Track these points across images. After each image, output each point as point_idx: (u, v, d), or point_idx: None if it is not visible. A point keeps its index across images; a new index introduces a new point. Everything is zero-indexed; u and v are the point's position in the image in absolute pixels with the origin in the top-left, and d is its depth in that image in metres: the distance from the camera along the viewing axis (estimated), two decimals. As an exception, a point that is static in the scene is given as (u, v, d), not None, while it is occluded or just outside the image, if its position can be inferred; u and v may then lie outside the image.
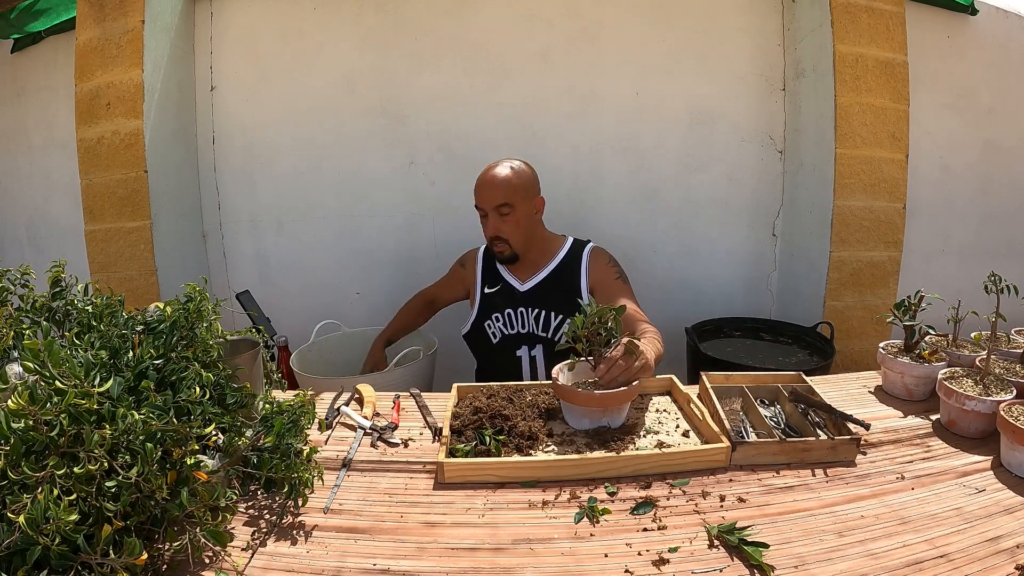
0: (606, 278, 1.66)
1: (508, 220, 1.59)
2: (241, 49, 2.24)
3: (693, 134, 2.27)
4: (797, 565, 0.71)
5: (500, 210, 1.58)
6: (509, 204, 1.57)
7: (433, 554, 0.75)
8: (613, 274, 1.67)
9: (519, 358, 1.70)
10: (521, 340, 1.70)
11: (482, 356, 1.83)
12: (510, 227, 1.60)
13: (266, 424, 0.87)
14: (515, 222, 1.60)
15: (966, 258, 2.38)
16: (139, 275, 2.04)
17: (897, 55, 1.94)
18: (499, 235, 1.61)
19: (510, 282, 1.72)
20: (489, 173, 1.60)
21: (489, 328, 1.75)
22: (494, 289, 1.74)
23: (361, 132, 2.27)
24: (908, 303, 1.23)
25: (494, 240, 1.63)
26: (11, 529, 0.56)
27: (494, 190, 1.58)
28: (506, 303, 1.71)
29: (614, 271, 1.68)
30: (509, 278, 1.73)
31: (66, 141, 2.21)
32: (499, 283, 1.74)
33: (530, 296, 1.68)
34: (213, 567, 0.71)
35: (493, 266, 1.76)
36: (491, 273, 1.76)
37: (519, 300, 1.70)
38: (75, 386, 0.64)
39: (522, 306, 1.69)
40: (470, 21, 2.19)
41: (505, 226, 1.60)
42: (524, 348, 1.70)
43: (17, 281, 1.00)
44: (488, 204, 1.58)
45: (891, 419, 1.13)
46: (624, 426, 1.08)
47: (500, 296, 1.73)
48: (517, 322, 1.70)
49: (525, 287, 1.70)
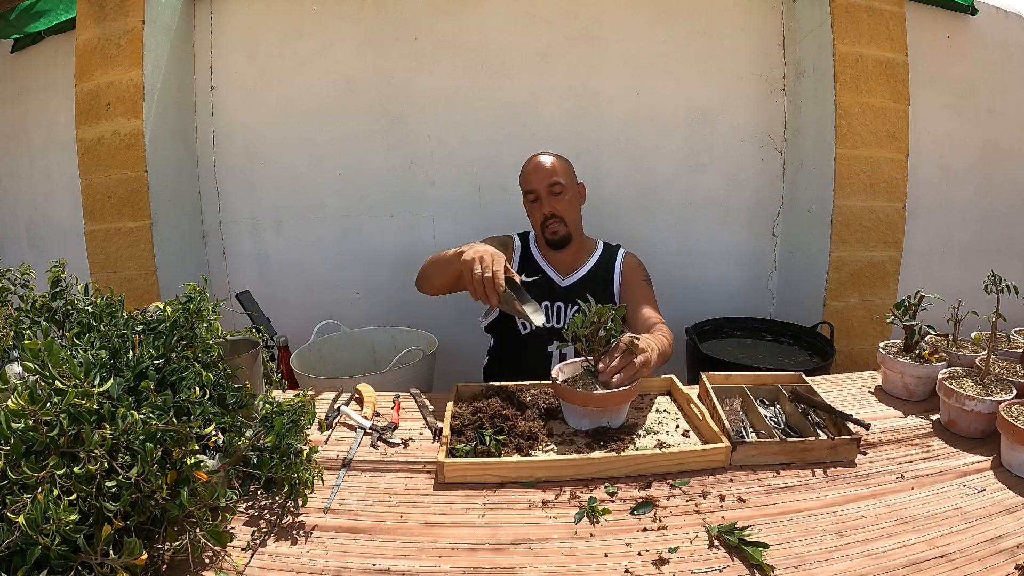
0: (634, 279, 1.69)
1: (561, 199, 1.62)
2: (241, 49, 2.24)
3: (693, 134, 2.27)
4: (797, 565, 0.71)
5: (553, 189, 1.60)
6: (561, 183, 1.60)
7: (433, 554, 0.75)
8: (640, 276, 1.70)
9: (550, 354, 1.68)
10: (554, 335, 1.67)
11: (506, 348, 1.76)
12: (564, 205, 1.62)
13: (266, 424, 0.87)
14: (568, 201, 1.62)
15: (966, 258, 2.38)
16: (139, 275, 2.04)
17: (897, 55, 1.94)
18: (555, 212, 1.62)
19: (550, 275, 1.70)
20: (537, 157, 1.65)
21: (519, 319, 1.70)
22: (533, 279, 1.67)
23: (361, 132, 2.27)
24: (908, 303, 1.23)
25: (549, 220, 1.63)
26: (11, 529, 0.56)
27: (545, 170, 1.61)
28: (543, 295, 1.68)
29: (642, 273, 1.71)
30: (549, 271, 1.70)
31: (66, 141, 2.21)
32: (538, 273, 1.69)
33: (570, 292, 1.67)
34: (213, 567, 0.71)
35: (530, 255, 1.74)
36: (528, 262, 1.73)
37: (558, 294, 1.68)
38: (75, 386, 0.64)
39: (560, 301, 1.67)
40: (470, 21, 2.20)
41: (560, 204, 1.62)
42: (556, 343, 1.66)
43: (17, 281, 1.00)
44: (542, 183, 1.61)
45: (891, 419, 1.13)
46: (624, 426, 1.08)
47: (537, 287, 1.68)
48: (553, 316, 1.68)
49: (567, 282, 1.69)
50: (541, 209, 1.63)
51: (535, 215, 1.66)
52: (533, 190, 1.63)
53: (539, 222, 1.65)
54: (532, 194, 1.64)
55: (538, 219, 1.65)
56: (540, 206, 1.63)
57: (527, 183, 1.64)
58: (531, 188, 1.63)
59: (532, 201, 1.65)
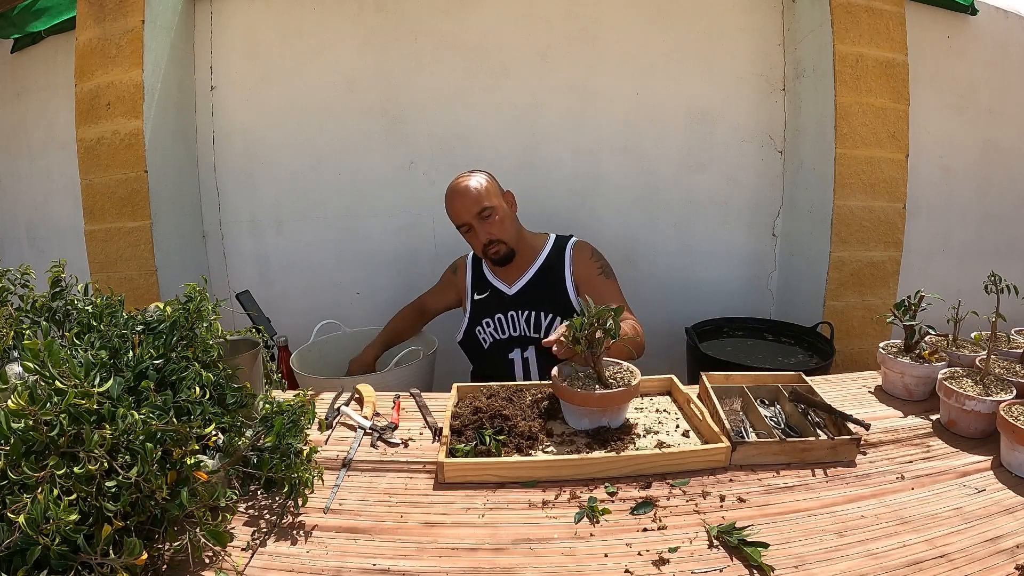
0: (589, 274, 1.67)
1: (494, 222, 1.61)
2: (241, 49, 2.24)
3: (693, 134, 2.27)
4: (797, 565, 0.71)
5: (482, 215, 1.60)
6: (488, 207, 1.60)
7: (433, 554, 0.75)
8: (596, 269, 1.68)
9: (511, 361, 1.72)
10: (512, 343, 1.71)
11: (476, 361, 1.84)
12: (498, 227, 1.62)
13: (266, 424, 0.87)
14: (500, 221, 1.62)
15: (966, 258, 2.38)
16: (139, 275, 2.04)
17: (897, 55, 1.94)
18: (492, 238, 1.62)
19: (498, 287, 1.74)
20: (458, 187, 1.63)
21: (480, 334, 1.76)
22: (483, 295, 1.76)
23: (361, 132, 2.27)
24: (908, 303, 1.23)
25: (489, 245, 1.63)
26: (11, 529, 0.56)
27: (470, 198, 1.60)
28: (496, 308, 1.72)
29: (596, 265, 1.69)
30: (497, 283, 1.74)
31: (66, 141, 2.21)
32: (487, 289, 1.76)
33: (518, 299, 1.70)
34: (213, 567, 0.71)
35: (481, 272, 1.78)
36: (479, 280, 1.79)
37: (508, 304, 1.71)
38: (75, 386, 0.64)
39: (512, 309, 1.70)
40: (470, 21, 2.20)
41: (494, 227, 1.61)
42: (516, 351, 1.71)
43: (17, 281, 1.00)
44: (470, 213, 1.60)
45: (891, 419, 1.13)
46: (624, 426, 1.08)
47: (490, 301, 1.74)
48: (508, 326, 1.71)
49: (513, 290, 1.71)
50: (478, 238, 1.63)
51: (474, 244, 1.67)
52: (464, 223, 1.62)
53: (480, 249, 1.66)
54: (464, 227, 1.63)
55: (479, 247, 1.65)
56: (476, 235, 1.63)
57: (456, 217, 1.63)
58: (462, 222, 1.63)
59: (467, 232, 1.65)
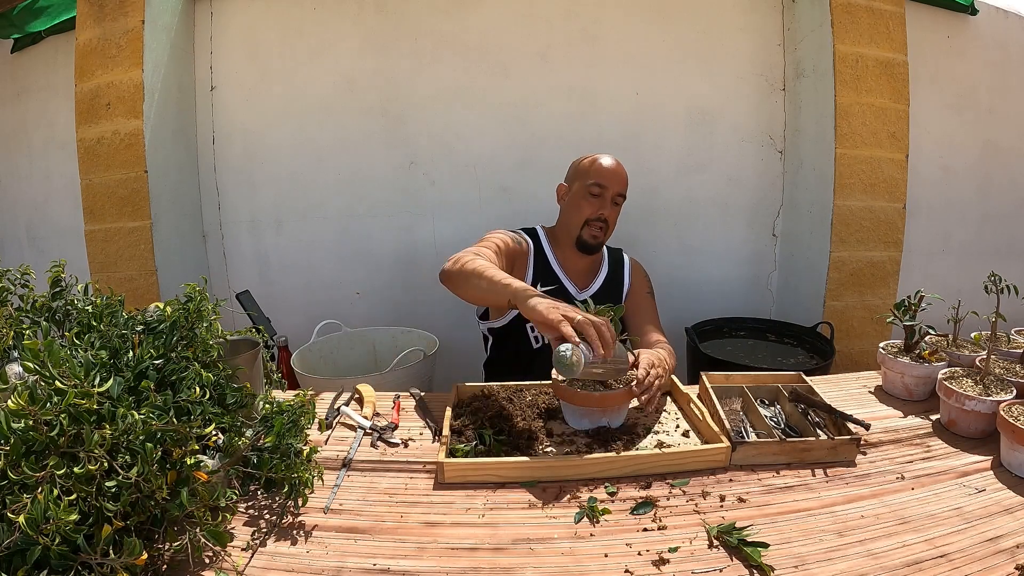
0: (640, 290, 1.66)
1: (615, 210, 1.57)
2: (241, 49, 2.24)
3: (693, 134, 2.27)
4: (797, 565, 0.71)
5: (617, 199, 1.56)
6: (624, 196, 1.57)
7: (433, 554, 0.75)
8: (646, 287, 1.68)
9: None
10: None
11: (513, 356, 1.64)
12: (614, 216, 1.58)
13: (266, 424, 0.87)
14: (617, 214, 1.59)
15: (966, 258, 2.38)
16: (139, 275, 2.04)
17: (897, 55, 1.94)
18: (607, 218, 1.55)
19: (567, 287, 1.60)
20: (617, 161, 1.57)
21: (532, 331, 1.58)
22: (548, 289, 1.58)
23: (361, 132, 2.27)
24: (908, 303, 1.23)
25: (595, 222, 1.54)
26: (11, 529, 0.56)
27: (621, 177, 1.56)
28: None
29: (647, 285, 1.69)
30: (567, 282, 1.60)
31: (66, 141, 2.21)
32: (555, 283, 1.60)
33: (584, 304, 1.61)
34: (213, 567, 0.71)
35: (546, 262, 1.62)
36: (544, 269, 1.61)
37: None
38: (75, 386, 0.64)
39: None
40: (470, 21, 2.20)
41: (613, 214, 1.57)
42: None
43: (17, 281, 1.00)
44: (616, 187, 1.54)
45: (891, 419, 1.13)
46: (624, 426, 1.08)
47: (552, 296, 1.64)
48: None
49: (582, 295, 1.60)
50: (598, 207, 1.54)
51: (584, 209, 1.54)
52: (605, 187, 1.54)
53: (585, 218, 1.55)
54: (599, 188, 1.54)
55: (586, 214, 1.54)
56: (600, 204, 1.54)
57: (601, 177, 1.54)
58: (604, 182, 1.54)
59: (595, 195, 1.54)
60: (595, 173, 1.55)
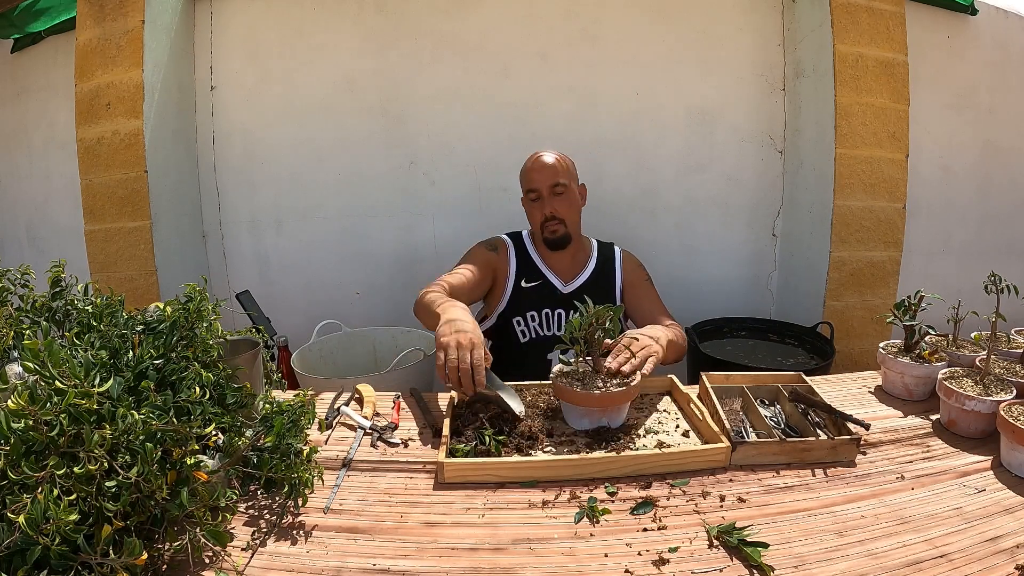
0: (637, 280, 1.68)
1: (563, 199, 1.59)
2: (241, 49, 2.24)
3: (693, 134, 2.27)
4: (797, 565, 0.71)
5: (555, 189, 1.58)
6: (562, 183, 1.58)
7: (433, 554, 0.75)
8: (643, 275, 1.70)
9: (549, 361, 1.63)
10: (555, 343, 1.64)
11: (503, 353, 1.69)
12: (564, 206, 1.59)
13: (266, 424, 0.87)
14: (569, 202, 1.60)
15: (966, 258, 2.38)
16: (139, 275, 2.04)
17: (897, 55, 1.94)
18: (555, 214, 1.59)
19: (552, 280, 1.65)
20: (540, 155, 1.63)
21: (519, 326, 1.65)
22: (532, 284, 1.64)
23: (361, 132, 2.27)
24: (908, 303, 1.23)
25: (549, 221, 1.59)
26: (11, 529, 0.56)
27: (549, 169, 1.59)
28: (545, 302, 1.64)
29: (644, 273, 1.71)
30: (551, 276, 1.66)
31: (66, 141, 2.21)
32: (539, 278, 1.65)
33: (572, 298, 1.61)
34: (213, 567, 0.71)
35: (529, 259, 1.67)
36: (527, 266, 1.67)
37: (560, 300, 1.64)
38: (75, 386, 0.64)
39: (561, 307, 1.63)
40: (470, 21, 2.20)
41: (560, 205, 1.59)
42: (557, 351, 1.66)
43: (17, 281, 1.00)
44: (545, 183, 1.58)
45: (891, 419, 1.13)
46: (624, 426, 1.08)
47: (539, 293, 1.65)
48: (554, 323, 1.63)
49: (568, 288, 1.64)
50: (542, 209, 1.60)
51: (535, 215, 1.63)
52: (535, 189, 1.60)
53: (539, 222, 1.62)
54: (534, 193, 1.60)
55: (538, 219, 1.62)
56: (541, 206, 1.60)
57: (529, 181, 1.61)
58: (533, 187, 1.60)
59: (533, 200, 1.61)
60: (526, 180, 1.63)
